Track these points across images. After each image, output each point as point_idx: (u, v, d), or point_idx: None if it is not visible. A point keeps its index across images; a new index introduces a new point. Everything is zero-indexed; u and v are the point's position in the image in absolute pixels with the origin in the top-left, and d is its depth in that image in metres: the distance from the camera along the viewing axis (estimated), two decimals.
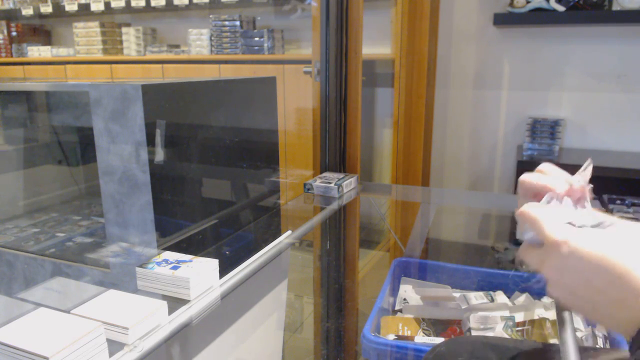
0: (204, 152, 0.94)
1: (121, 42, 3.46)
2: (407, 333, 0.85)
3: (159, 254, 0.82)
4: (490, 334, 0.83)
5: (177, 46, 3.33)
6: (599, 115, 2.33)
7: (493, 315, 0.85)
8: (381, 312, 0.87)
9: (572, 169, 0.49)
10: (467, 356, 0.57)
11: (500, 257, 1.30)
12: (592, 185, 0.48)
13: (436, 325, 0.88)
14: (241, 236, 1.06)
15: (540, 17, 2.18)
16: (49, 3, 3.60)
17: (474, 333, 0.83)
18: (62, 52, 3.64)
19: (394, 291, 1.00)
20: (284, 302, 1.01)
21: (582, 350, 0.56)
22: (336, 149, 1.63)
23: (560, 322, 0.45)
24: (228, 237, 1.02)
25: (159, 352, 0.64)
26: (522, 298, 0.95)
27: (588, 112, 2.34)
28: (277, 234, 1.08)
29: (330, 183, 1.44)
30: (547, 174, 0.49)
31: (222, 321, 0.79)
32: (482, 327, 0.84)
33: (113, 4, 3.34)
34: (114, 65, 3.28)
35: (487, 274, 0.99)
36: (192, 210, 0.92)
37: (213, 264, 0.80)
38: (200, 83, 0.91)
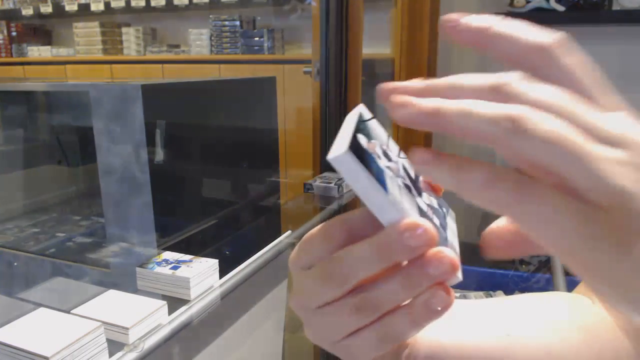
0: (204, 152, 0.94)
1: (121, 42, 3.46)
2: None
3: (159, 254, 0.82)
4: None
5: (177, 46, 3.33)
6: None
7: None
8: None
9: None
10: None
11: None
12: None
13: None
14: (241, 236, 1.06)
15: (540, 17, 2.18)
16: (49, 3, 3.60)
17: None
18: (62, 52, 3.64)
19: None
20: (284, 302, 1.01)
21: None
22: None
23: None
24: (228, 237, 1.02)
25: (159, 352, 0.64)
26: None
27: None
28: (277, 234, 1.08)
29: (330, 183, 1.44)
30: None
31: (222, 321, 0.79)
32: None
33: (113, 4, 3.34)
34: (114, 65, 3.27)
35: (487, 273, 0.99)
36: (192, 210, 0.92)
37: (213, 263, 0.80)
38: (200, 83, 0.91)
